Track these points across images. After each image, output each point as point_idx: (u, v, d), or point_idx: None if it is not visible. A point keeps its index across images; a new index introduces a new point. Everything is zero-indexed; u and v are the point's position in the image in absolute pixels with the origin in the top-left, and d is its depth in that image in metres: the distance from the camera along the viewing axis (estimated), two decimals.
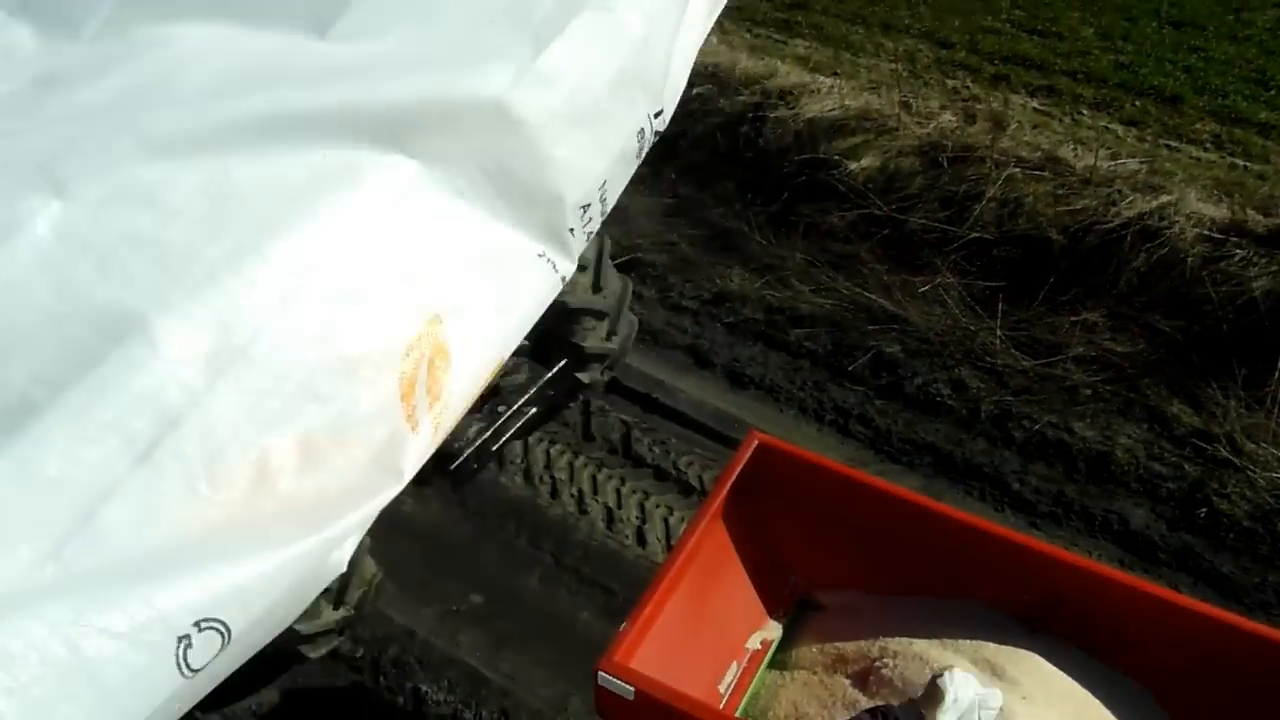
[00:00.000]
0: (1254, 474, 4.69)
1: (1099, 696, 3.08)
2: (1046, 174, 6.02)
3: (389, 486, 2.11)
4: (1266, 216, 5.55)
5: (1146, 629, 3.03)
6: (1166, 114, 6.78)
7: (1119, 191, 5.77)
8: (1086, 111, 6.84)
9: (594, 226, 2.54)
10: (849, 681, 3.23)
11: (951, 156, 6.23)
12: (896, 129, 6.48)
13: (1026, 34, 7.72)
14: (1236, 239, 5.44)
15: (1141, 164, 6.02)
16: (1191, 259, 5.43)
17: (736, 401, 5.43)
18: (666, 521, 4.78)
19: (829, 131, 6.58)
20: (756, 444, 3.44)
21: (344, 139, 2.14)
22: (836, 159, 6.39)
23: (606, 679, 2.80)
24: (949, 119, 6.51)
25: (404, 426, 2.10)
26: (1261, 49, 7.39)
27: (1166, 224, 5.55)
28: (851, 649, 3.33)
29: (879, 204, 6.15)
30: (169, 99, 2.20)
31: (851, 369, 5.50)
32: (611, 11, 2.46)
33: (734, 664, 3.47)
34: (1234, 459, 4.77)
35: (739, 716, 3.27)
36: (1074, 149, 6.22)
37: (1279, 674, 2.84)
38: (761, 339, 5.78)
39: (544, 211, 2.40)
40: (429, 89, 2.22)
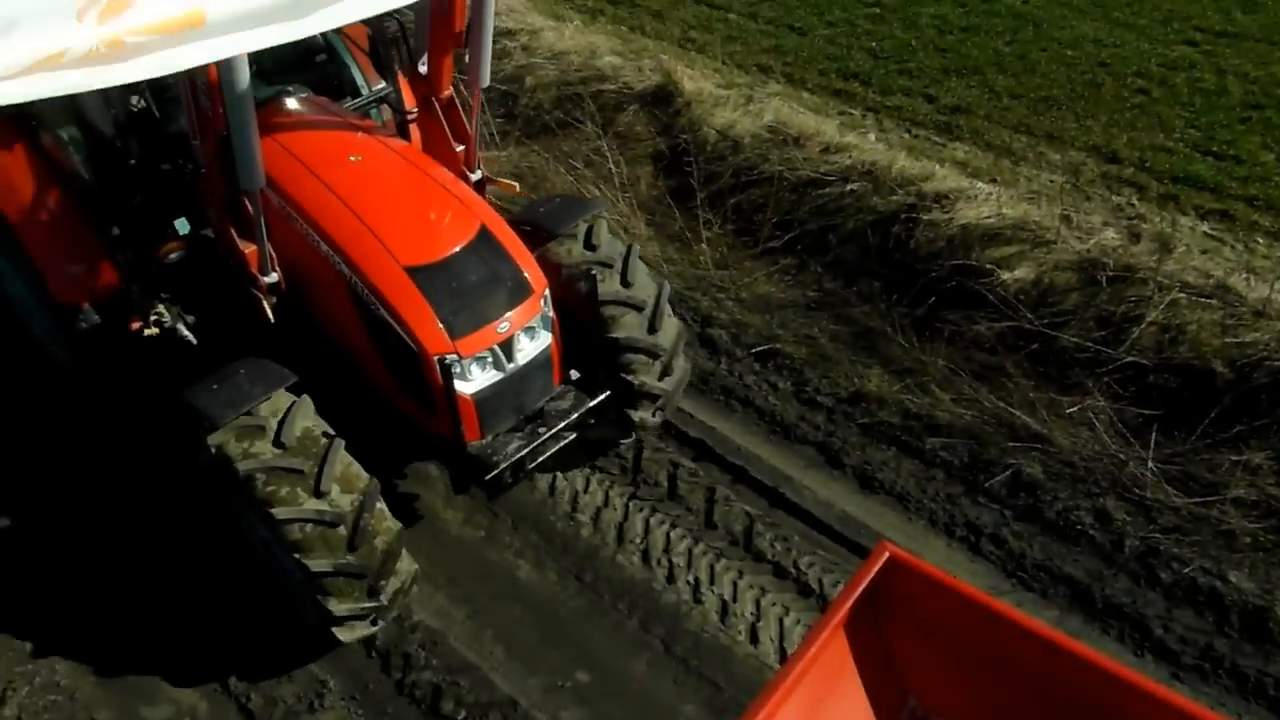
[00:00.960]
0: None
1: None
2: (1214, 302, 5.75)
3: None
4: None
5: None
6: None
7: None
8: (1262, 240, 6.52)
9: None
10: None
11: (1111, 275, 6.02)
12: (1054, 242, 6.32)
13: (1201, 155, 7.45)
14: None
15: None
16: None
17: (865, 506, 5.29)
18: (781, 621, 4.67)
19: (983, 239, 6.46)
20: (887, 556, 3.33)
21: None
22: (989, 267, 6.26)
23: None
24: (1111, 236, 6.30)
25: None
26: None
27: None
28: None
29: (1030, 317, 5.97)
30: None
31: (988, 485, 5.30)
32: None
33: None
34: None
35: None
36: (1247, 278, 5.93)
37: None
38: (896, 444, 5.64)
39: None
40: None
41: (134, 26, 2.41)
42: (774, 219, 7.13)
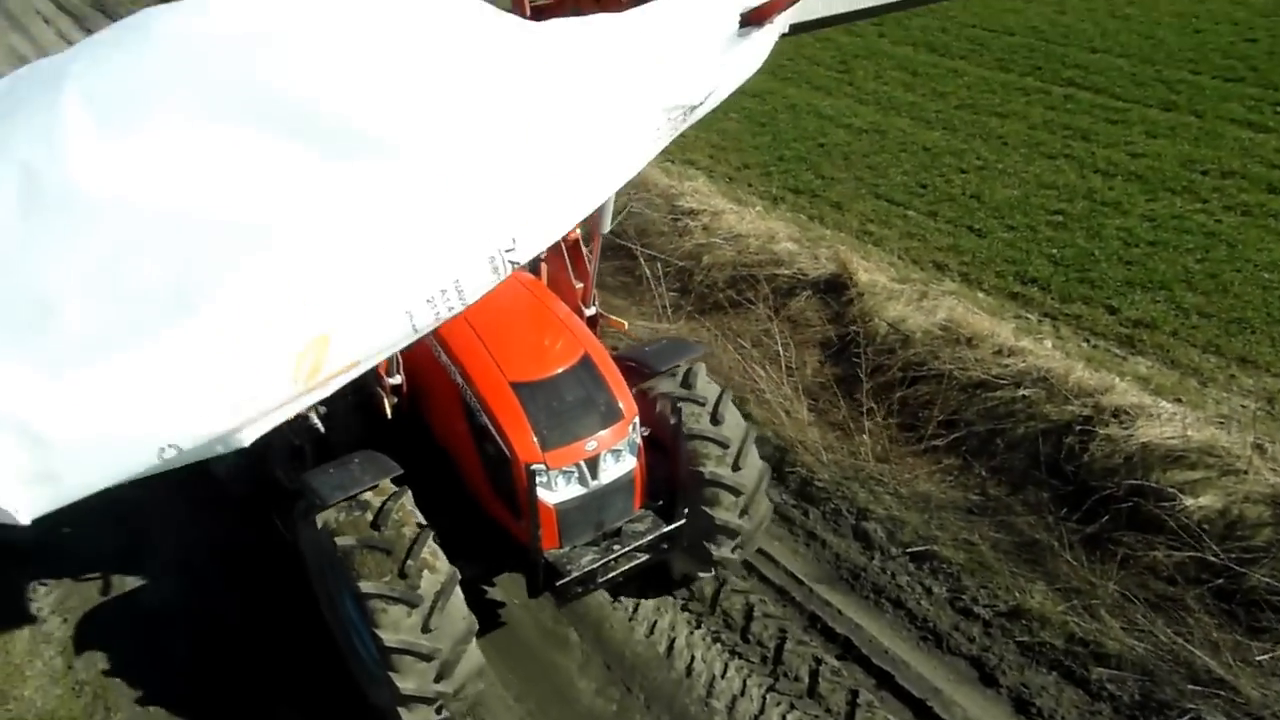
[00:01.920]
0: None
1: None
2: None
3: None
4: None
5: None
6: None
7: None
8: None
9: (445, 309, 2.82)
10: None
11: None
12: (1245, 471, 5.94)
13: None
14: None
15: None
16: None
17: None
18: None
19: (1165, 460, 6.14)
20: None
21: None
22: (1170, 491, 5.92)
23: None
24: None
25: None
26: None
27: None
28: None
29: (1215, 550, 5.57)
30: None
31: None
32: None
33: None
34: None
35: None
36: None
37: None
38: (1058, 669, 5.28)
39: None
40: None
41: (333, 370, 2.79)
42: (940, 417, 7.02)
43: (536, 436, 4.73)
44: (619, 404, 4.98)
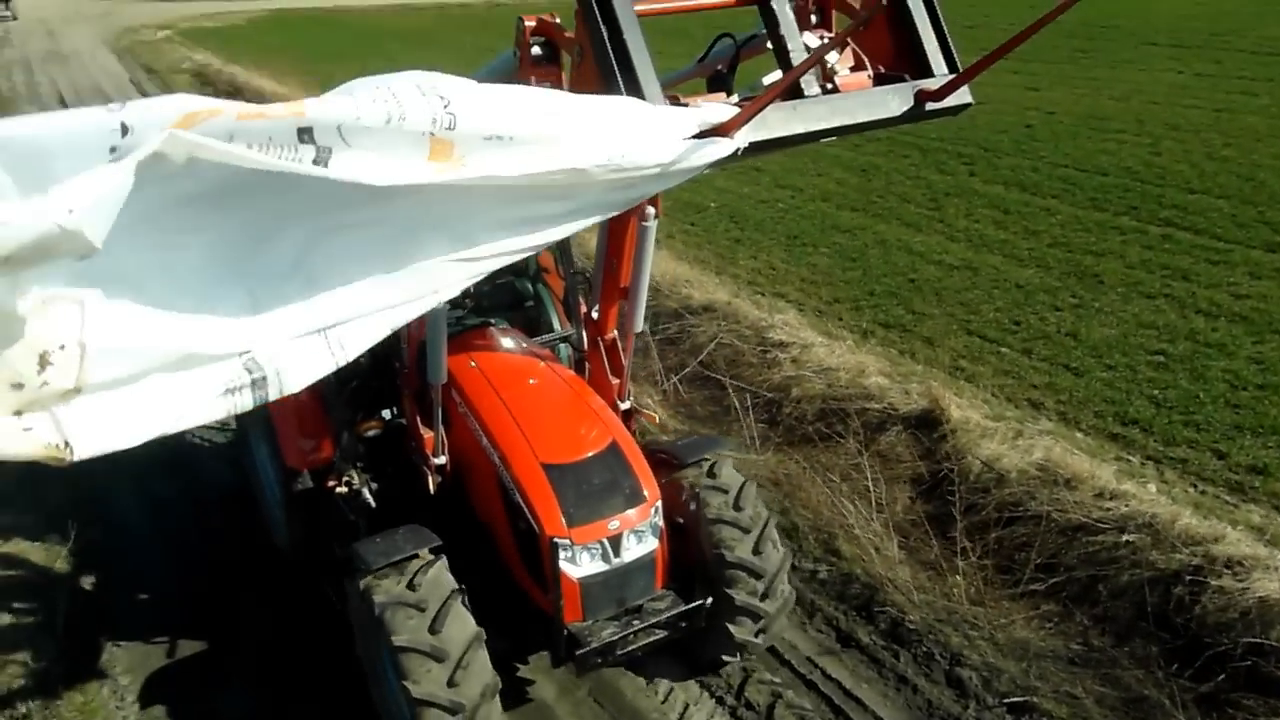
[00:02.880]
0: None
1: None
2: None
3: None
4: None
5: None
6: None
7: None
8: None
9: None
10: None
11: None
12: None
13: None
14: None
15: None
16: None
17: None
18: None
19: None
20: None
21: None
22: None
23: None
24: None
25: None
26: None
27: None
28: None
29: None
30: None
31: None
32: None
33: None
34: None
35: None
36: None
37: None
38: None
39: None
40: None
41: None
42: (1038, 560, 6.77)
43: (563, 513, 5.14)
44: (643, 488, 5.38)
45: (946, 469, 7.73)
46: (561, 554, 5.06)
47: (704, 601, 5.43)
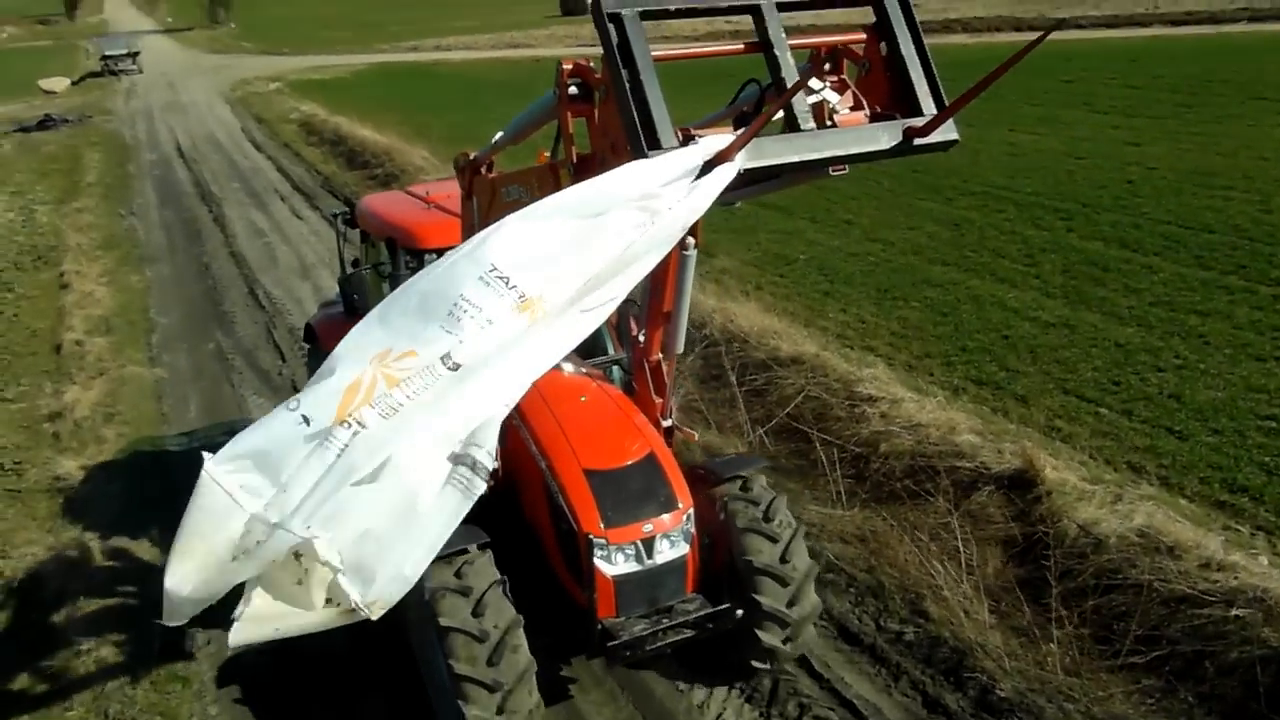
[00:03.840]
0: None
1: None
2: None
3: None
4: None
5: None
6: None
7: None
8: None
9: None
10: None
11: None
12: None
13: None
14: None
15: None
16: None
17: None
18: None
19: None
20: None
21: None
22: None
23: None
24: None
25: None
26: None
27: None
28: None
29: None
30: None
31: None
32: None
33: None
34: None
35: None
36: None
37: None
38: None
39: None
40: None
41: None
42: (1139, 631, 6.48)
43: (600, 515, 5.65)
44: (676, 497, 5.86)
45: (1041, 532, 7.48)
46: (597, 552, 5.59)
47: (730, 606, 5.84)
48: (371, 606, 3.39)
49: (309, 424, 3.30)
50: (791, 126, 4.13)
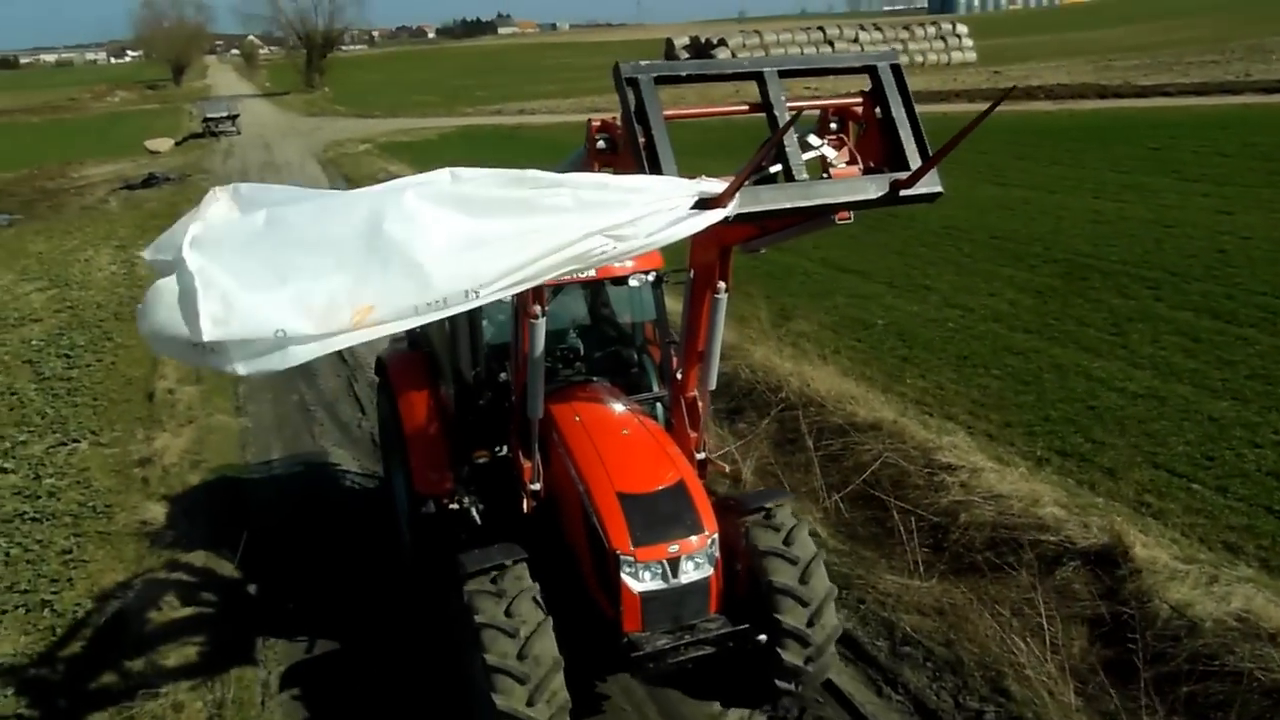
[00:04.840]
0: None
1: None
2: None
3: None
4: None
5: None
6: None
7: None
8: None
9: None
10: None
11: None
12: None
13: None
14: None
15: None
16: None
17: None
18: None
19: None
20: None
21: None
22: None
23: None
24: None
25: None
26: None
27: None
28: None
29: None
30: None
31: None
32: None
33: None
34: None
35: None
36: None
37: None
38: None
39: None
40: None
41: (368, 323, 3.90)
42: None
43: (630, 534, 6.06)
44: (702, 522, 6.24)
45: (1129, 612, 7.19)
46: (625, 569, 6.02)
47: (750, 626, 6.26)
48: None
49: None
50: (788, 178, 4.63)
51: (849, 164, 4.89)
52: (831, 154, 4.90)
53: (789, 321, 14.76)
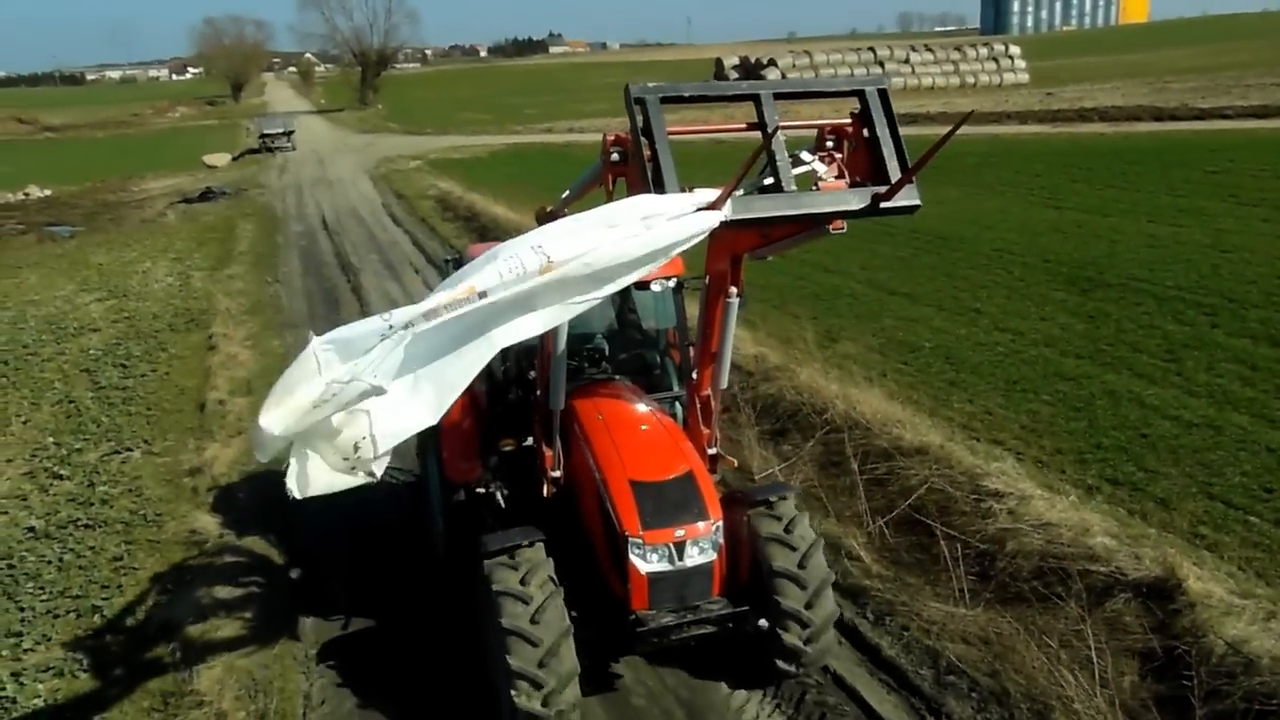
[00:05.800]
0: None
1: None
2: None
3: None
4: None
5: None
6: None
7: None
8: None
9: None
10: None
11: None
12: None
13: None
14: None
15: None
16: None
17: None
18: None
19: None
20: None
21: None
22: None
23: None
24: None
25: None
26: None
27: None
28: None
29: None
30: None
31: None
32: None
33: None
34: None
35: None
36: None
37: None
38: None
39: None
40: None
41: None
42: None
43: (640, 518, 6.57)
44: (708, 509, 6.73)
45: (1183, 647, 7.00)
46: (634, 550, 6.52)
47: (749, 608, 6.78)
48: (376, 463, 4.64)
49: (390, 326, 4.42)
50: (778, 189, 5.13)
51: (837, 178, 5.36)
52: (821, 169, 5.39)
53: (835, 343, 14.66)
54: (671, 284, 7.83)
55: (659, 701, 7.33)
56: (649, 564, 6.56)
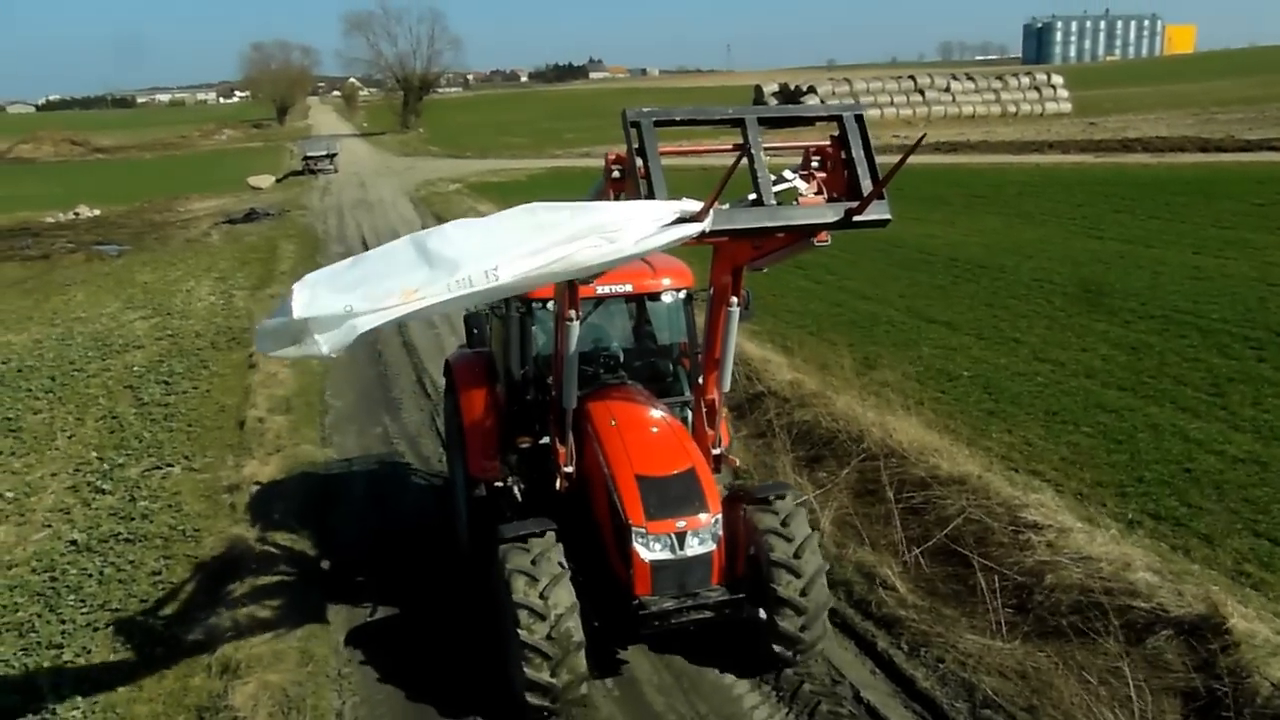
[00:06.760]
0: None
1: None
2: None
3: None
4: None
5: None
6: None
7: None
8: None
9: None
10: None
11: None
12: None
13: None
14: None
15: None
16: None
17: None
18: None
19: None
20: None
21: None
22: None
23: None
24: None
25: None
26: None
27: None
28: None
29: None
30: None
31: None
32: None
33: None
34: None
35: None
36: None
37: None
38: None
39: None
40: None
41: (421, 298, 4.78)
42: None
43: (644, 509, 7.06)
44: (708, 503, 7.23)
45: (1225, 688, 6.84)
46: (637, 539, 7.01)
47: (746, 596, 7.23)
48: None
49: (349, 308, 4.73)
50: (759, 204, 5.52)
51: (816, 194, 5.83)
52: (802, 186, 5.87)
53: (872, 370, 14.57)
54: (682, 295, 8.47)
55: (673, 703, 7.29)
56: (652, 552, 7.04)
